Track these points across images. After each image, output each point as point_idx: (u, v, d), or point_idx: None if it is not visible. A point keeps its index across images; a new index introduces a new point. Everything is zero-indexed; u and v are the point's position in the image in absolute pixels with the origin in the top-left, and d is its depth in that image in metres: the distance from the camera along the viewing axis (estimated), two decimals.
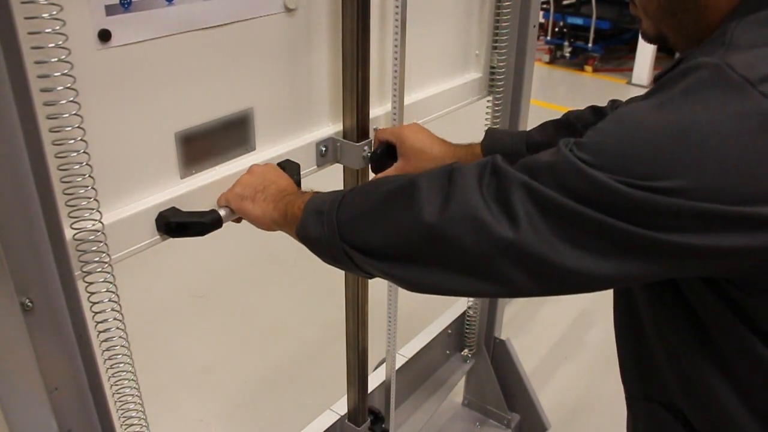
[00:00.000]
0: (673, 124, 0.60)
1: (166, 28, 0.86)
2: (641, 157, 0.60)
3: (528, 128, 1.55)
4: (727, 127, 0.59)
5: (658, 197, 0.59)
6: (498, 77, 1.48)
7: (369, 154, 1.13)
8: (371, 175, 1.15)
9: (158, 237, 0.92)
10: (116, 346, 0.86)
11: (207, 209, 0.95)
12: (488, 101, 1.53)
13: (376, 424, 1.46)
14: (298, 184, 1.03)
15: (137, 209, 0.89)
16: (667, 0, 0.73)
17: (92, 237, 0.81)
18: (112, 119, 0.84)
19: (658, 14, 0.75)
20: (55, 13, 0.70)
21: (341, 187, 1.19)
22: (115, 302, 0.84)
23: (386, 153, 1.12)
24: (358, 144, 1.12)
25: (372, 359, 1.41)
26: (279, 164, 1.05)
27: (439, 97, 1.38)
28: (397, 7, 1.13)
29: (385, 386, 1.50)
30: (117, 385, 0.88)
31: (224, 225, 0.95)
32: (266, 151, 1.06)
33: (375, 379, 1.53)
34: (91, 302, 0.82)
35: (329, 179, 1.20)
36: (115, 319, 0.84)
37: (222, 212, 0.94)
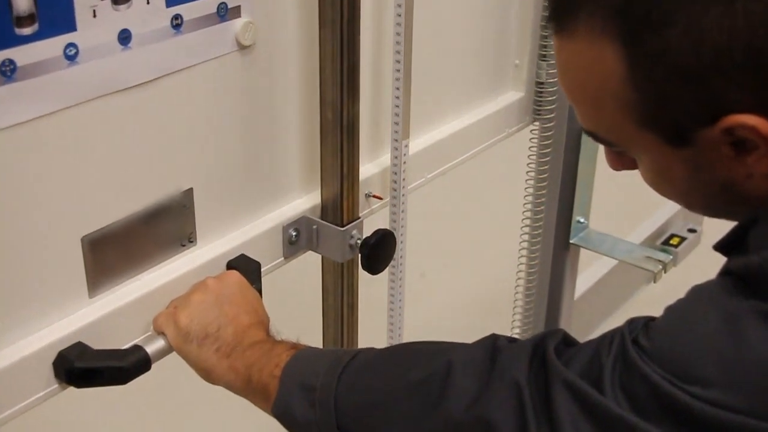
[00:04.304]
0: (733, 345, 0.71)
1: (67, 97, 0.87)
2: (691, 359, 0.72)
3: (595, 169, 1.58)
4: None
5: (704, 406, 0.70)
6: (547, 96, 1.50)
7: (359, 243, 1.14)
8: (361, 272, 1.18)
9: (57, 386, 0.93)
10: None
11: (129, 343, 0.97)
12: (533, 130, 1.55)
13: None
14: (260, 291, 1.07)
15: (26, 350, 0.90)
16: (708, 207, 0.85)
17: None
18: None
19: (704, 213, 0.88)
20: None
21: (319, 285, 1.22)
22: None
23: (382, 242, 1.15)
24: (343, 228, 1.14)
25: None
26: (230, 263, 1.07)
27: (462, 135, 1.41)
28: (399, 6, 1.14)
29: None
30: None
31: None
32: (212, 244, 1.08)
33: None
34: None
35: (300, 270, 1.22)
36: None
37: (151, 348, 0.96)
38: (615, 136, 0.81)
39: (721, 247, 0.82)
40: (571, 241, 1.67)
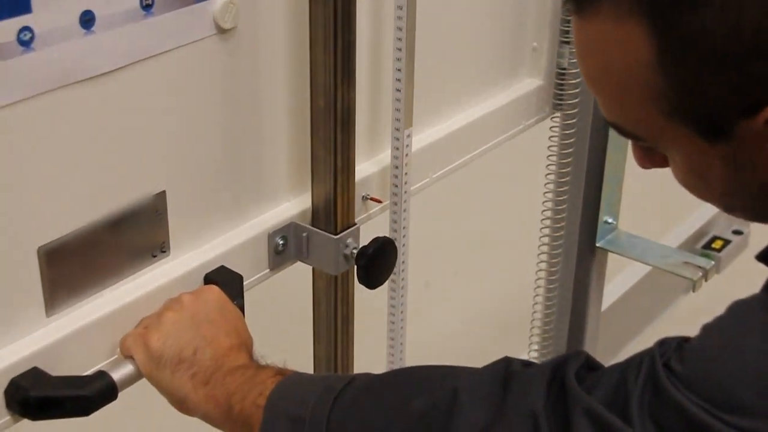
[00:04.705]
0: None
1: (22, 88, 0.86)
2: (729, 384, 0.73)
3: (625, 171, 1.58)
4: None
5: None
6: (570, 80, 1.51)
7: (355, 252, 1.14)
8: (356, 284, 1.18)
9: (9, 418, 0.93)
10: None
11: (93, 369, 0.97)
12: (554, 118, 1.56)
13: None
14: (242, 308, 1.07)
15: None
16: (749, 210, 0.84)
17: None
18: None
19: (745, 217, 0.89)
20: None
21: (309, 300, 1.24)
22: None
23: (381, 252, 1.15)
24: (337, 236, 1.14)
25: None
26: (208, 276, 1.07)
27: (472, 129, 1.41)
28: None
29: None
30: None
31: None
32: (187, 254, 1.08)
33: None
34: None
35: (288, 284, 1.21)
36: None
37: (118, 374, 0.96)
38: (642, 130, 0.81)
39: (764, 257, 0.82)
40: (597, 245, 1.69)
